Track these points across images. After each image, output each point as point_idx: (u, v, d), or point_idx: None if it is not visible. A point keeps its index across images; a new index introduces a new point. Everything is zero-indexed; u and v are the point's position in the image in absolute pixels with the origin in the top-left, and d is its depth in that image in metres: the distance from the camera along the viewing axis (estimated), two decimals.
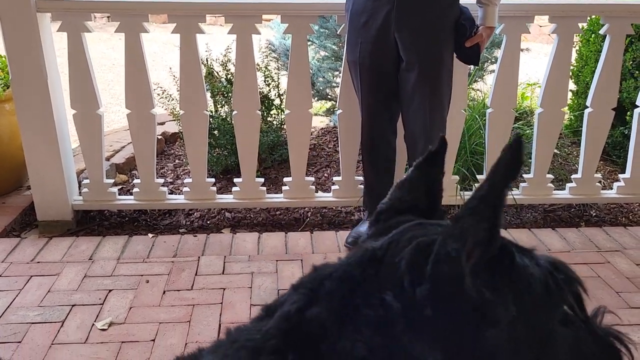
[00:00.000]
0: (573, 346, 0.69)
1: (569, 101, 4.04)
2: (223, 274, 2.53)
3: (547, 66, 2.91)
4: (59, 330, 2.12)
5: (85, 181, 2.96)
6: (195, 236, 2.88)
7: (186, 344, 2.06)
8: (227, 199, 3.06)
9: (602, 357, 0.72)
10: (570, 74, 3.89)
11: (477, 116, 3.33)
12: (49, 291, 2.36)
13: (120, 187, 3.32)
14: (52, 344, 2.04)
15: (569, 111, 4.11)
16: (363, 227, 2.77)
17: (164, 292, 2.38)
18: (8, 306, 2.25)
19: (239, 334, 0.72)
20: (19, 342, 2.04)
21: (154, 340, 2.08)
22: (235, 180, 3.04)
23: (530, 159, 3.12)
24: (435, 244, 0.60)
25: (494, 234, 0.60)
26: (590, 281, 2.48)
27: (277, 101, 3.76)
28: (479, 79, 4.38)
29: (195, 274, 2.52)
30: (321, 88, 4.24)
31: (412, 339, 0.62)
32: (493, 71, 3.64)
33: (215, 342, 0.77)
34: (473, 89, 4.30)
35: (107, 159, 3.49)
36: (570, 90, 4.00)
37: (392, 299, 0.63)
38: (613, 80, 2.93)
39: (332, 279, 0.68)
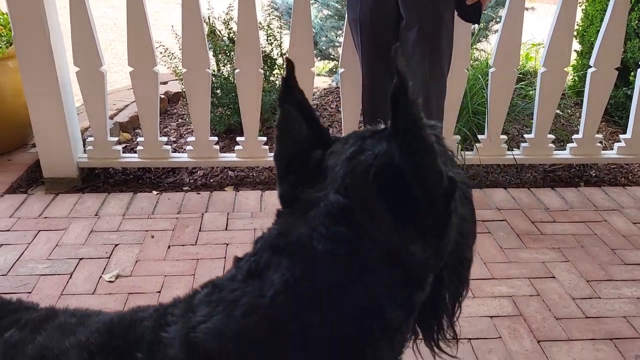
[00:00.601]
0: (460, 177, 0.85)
1: (573, 61, 4.02)
2: (226, 230, 2.59)
3: (551, 24, 2.88)
4: (67, 282, 2.18)
5: (90, 139, 2.99)
6: (199, 194, 2.93)
7: None
8: (229, 157, 3.09)
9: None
10: (575, 33, 3.86)
11: (479, 76, 3.32)
12: (56, 245, 2.42)
13: (124, 145, 3.35)
14: (61, 294, 2.10)
15: (572, 71, 4.09)
16: None
17: (169, 247, 2.43)
18: (17, 259, 2.31)
19: (231, 293, 0.74)
20: (29, 292, 2.11)
21: (159, 292, 2.14)
22: (238, 139, 3.06)
23: (532, 119, 3.13)
24: (442, 172, 0.71)
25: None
26: (587, 239, 2.53)
27: (279, 60, 3.75)
28: (483, 39, 4.34)
29: (199, 230, 2.57)
30: (324, 47, 4.21)
31: (414, 249, 0.73)
32: (497, 31, 3.60)
33: (204, 290, 0.79)
34: (477, 48, 4.27)
35: (111, 118, 3.51)
36: (575, 51, 3.98)
37: (386, 233, 0.71)
38: (617, 39, 2.90)
39: (320, 240, 0.71)
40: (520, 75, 3.99)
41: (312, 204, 0.74)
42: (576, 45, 3.96)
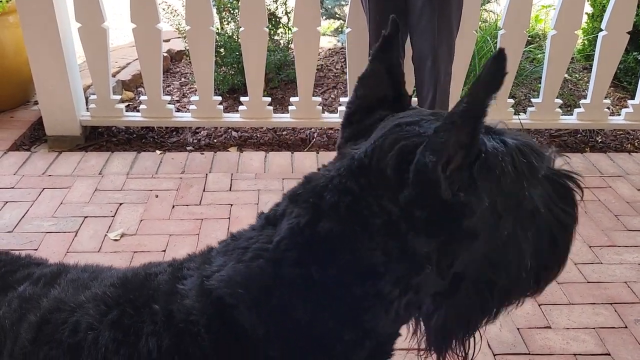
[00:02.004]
0: (541, 196, 0.74)
1: (584, 24, 3.94)
2: (230, 190, 2.59)
3: None
4: (73, 240, 2.20)
5: (92, 97, 2.96)
6: (203, 154, 2.92)
7: None
8: (233, 117, 3.06)
9: (560, 197, 0.75)
10: None
11: (488, 38, 3.26)
12: (61, 203, 2.42)
13: (127, 104, 3.32)
14: (67, 252, 2.12)
15: (582, 35, 4.01)
16: None
17: (173, 207, 2.44)
18: (23, 216, 2.32)
19: (246, 241, 0.76)
20: (35, 249, 2.13)
21: (164, 250, 2.16)
22: (242, 99, 3.03)
23: (540, 83, 3.09)
24: (417, 154, 0.65)
25: (473, 145, 0.64)
26: (591, 205, 2.52)
27: (284, 19, 3.68)
28: (493, 0, 4.24)
29: (203, 190, 2.57)
30: (330, 6, 4.13)
31: (414, 236, 0.69)
32: None
33: (222, 243, 0.81)
34: (486, 10, 4.18)
35: (113, 76, 3.47)
36: (586, 13, 3.89)
37: (390, 203, 0.69)
38: (630, 2, 2.83)
39: (331, 191, 0.71)
40: (529, 38, 3.91)
41: (346, 159, 0.74)
42: (587, 8, 3.88)
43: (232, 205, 2.46)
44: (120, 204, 2.45)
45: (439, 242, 0.69)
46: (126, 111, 3.06)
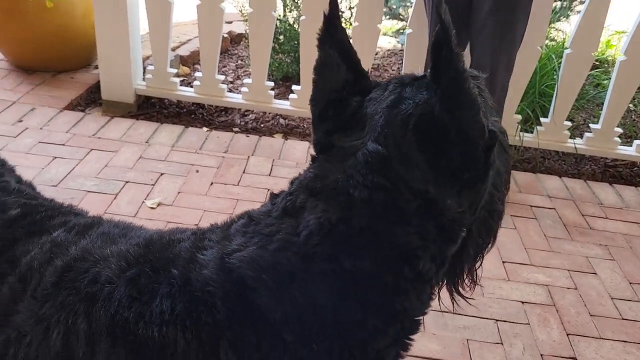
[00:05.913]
0: None
1: None
2: (270, 175, 2.60)
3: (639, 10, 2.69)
4: (112, 202, 2.26)
5: (150, 68, 3.03)
6: (248, 136, 2.94)
7: None
8: (283, 104, 3.07)
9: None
10: None
11: (553, 56, 3.15)
12: (106, 165, 2.49)
13: (182, 79, 3.38)
14: (105, 212, 2.18)
15: None
16: None
17: (212, 184, 2.47)
18: (68, 173, 2.39)
19: (266, 227, 0.76)
20: (76, 205, 2.18)
21: (197, 224, 2.18)
22: (294, 87, 3.03)
23: (601, 109, 2.97)
24: (485, 130, 0.70)
25: None
26: (637, 241, 2.41)
27: (347, 14, 3.66)
28: (564, 19, 4.11)
29: (243, 172, 2.59)
30: (394, 6, 4.09)
31: (450, 204, 0.73)
32: (580, 12, 3.39)
33: (240, 221, 0.82)
34: (555, 28, 4.05)
35: (173, 50, 3.53)
36: None
37: (422, 184, 0.71)
38: None
39: (358, 188, 0.71)
40: (596, 63, 3.77)
41: (349, 152, 0.74)
42: None
43: (269, 190, 2.47)
44: (162, 174, 2.49)
45: (472, 195, 0.73)
46: (180, 85, 3.11)
